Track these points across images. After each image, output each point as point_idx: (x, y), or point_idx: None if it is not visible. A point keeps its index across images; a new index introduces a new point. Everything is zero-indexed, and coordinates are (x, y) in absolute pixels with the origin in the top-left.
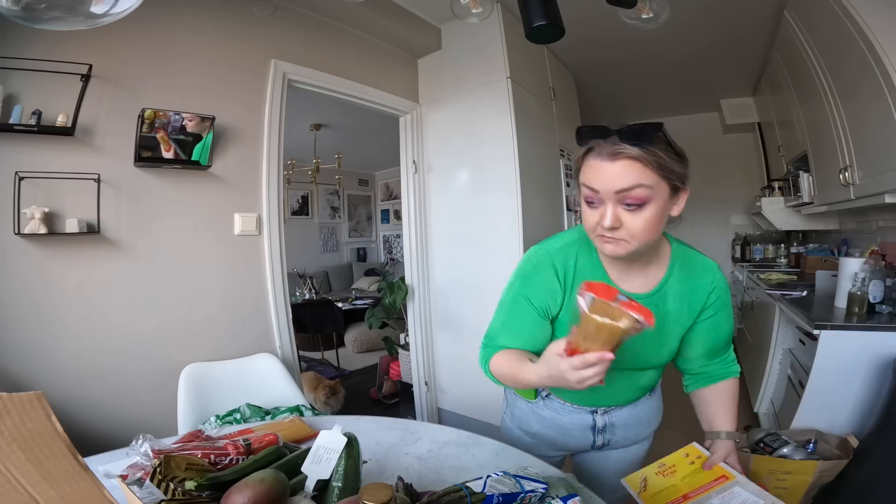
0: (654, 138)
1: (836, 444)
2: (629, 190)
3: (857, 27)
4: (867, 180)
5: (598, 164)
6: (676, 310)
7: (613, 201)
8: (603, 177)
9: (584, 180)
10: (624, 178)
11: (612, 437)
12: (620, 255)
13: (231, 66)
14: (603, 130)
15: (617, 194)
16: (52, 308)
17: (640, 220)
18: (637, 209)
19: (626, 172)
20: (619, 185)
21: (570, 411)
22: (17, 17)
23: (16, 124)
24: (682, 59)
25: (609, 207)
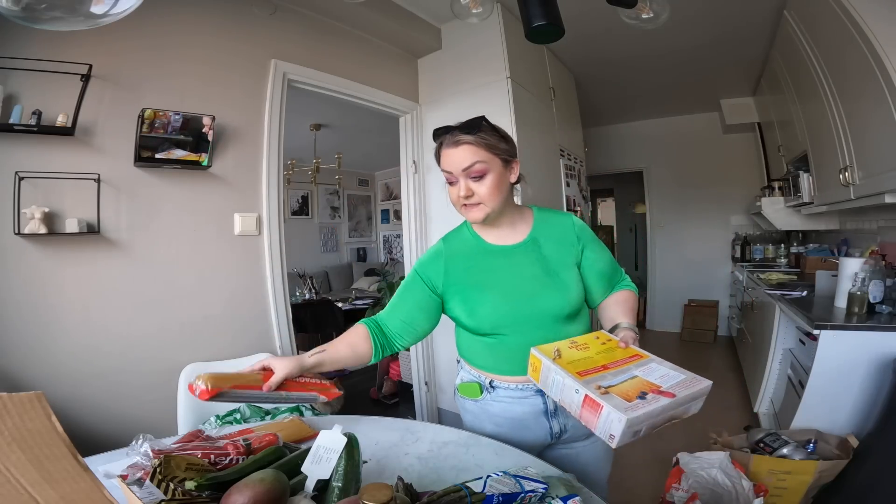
0: (480, 127)
1: (836, 444)
2: (471, 166)
3: (857, 27)
4: (867, 180)
5: (447, 151)
6: (554, 251)
7: (463, 177)
8: (452, 160)
9: (442, 166)
10: (465, 159)
11: (568, 420)
12: (480, 218)
13: (231, 66)
14: (447, 129)
15: (464, 171)
16: (52, 308)
17: (484, 187)
18: (480, 180)
19: (465, 154)
20: (463, 165)
21: (519, 398)
22: (17, 18)
23: (16, 124)
24: (682, 59)
25: (462, 182)
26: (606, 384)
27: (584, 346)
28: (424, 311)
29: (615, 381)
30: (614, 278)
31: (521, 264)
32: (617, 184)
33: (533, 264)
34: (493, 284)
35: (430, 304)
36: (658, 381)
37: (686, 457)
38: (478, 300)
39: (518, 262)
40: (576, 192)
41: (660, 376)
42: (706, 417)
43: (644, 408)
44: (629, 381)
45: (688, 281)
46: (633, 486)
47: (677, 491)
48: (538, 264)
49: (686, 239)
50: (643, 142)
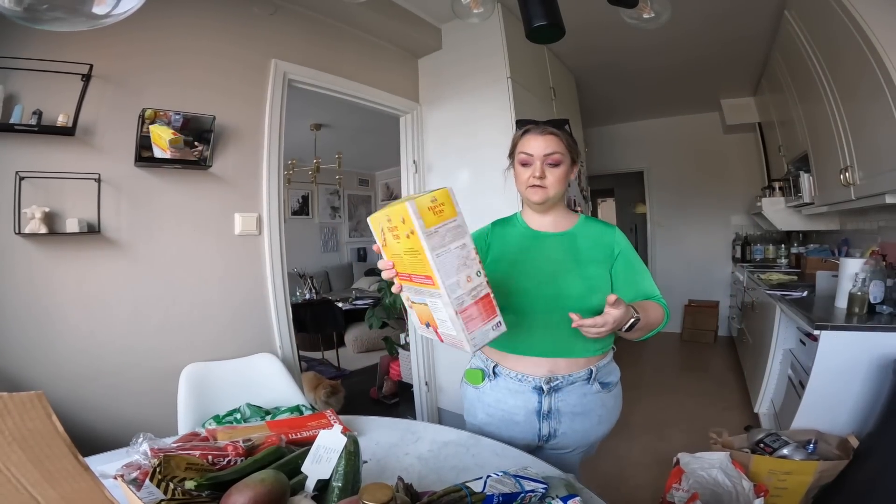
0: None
1: (837, 444)
2: (552, 153)
3: (858, 27)
4: (867, 180)
5: (533, 137)
6: (588, 247)
7: (541, 161)
8: (536, 145)
9: (523, 149)
10: (549, 146)
11: (559, 426)
12: (542, 198)
13: (231, 66)
14: (535, 121)
15: (545, 156)
16: (53, 308)
17: (556, 173)
18: (554, 167)
19: (550, 142)
20: (546, 150)
21: (515, 391)
22: (18, 18)
23: (16, 124)
24: (682, 59)
25: (538, 165)
26: (414, 298)
27: (394, 230)
28: None
29: (416, 299)
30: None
31: (554, 248)
32: (617, 184)
33: (565, 252)
34: (522, 261)
35: None
36: (438, 321)
37: (686, 457)
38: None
39: (550, 248)
40: (576, 191)
41: (440, 318)
42: (707, 417)
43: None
44: (423, 306)
45: (688, 281)
46: (634, 486)
47: (678, 491)
48: (569, 253)
49: (686, 239)
50: (643, 142)
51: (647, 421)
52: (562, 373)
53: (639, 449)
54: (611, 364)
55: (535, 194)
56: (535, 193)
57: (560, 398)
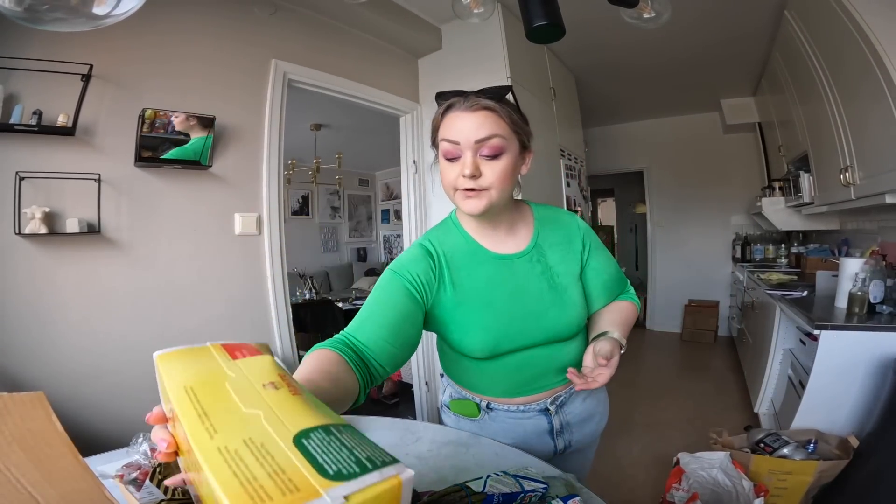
0: (504, 96)
1: (837, 444)
2: (487, 139)
3: (858, 27)
4: (867, 180)
5: (458, 115)
6: (559, 260)
7: (472, 151)
8: (463, 127)
9: (445, 135)
10: (482, 128)
11: (572, 437)
12: (480, 209)
13: (231, 66)
14: (462, 92)
15: (476, 144)
16: (53, 308)
17: (497, 169)
18: (494, 159)
19: (484, 122)
20: (478, 135)
21: (520, 419)
22: (19, 18)
23: (16, 124)
24: (682, 59)
25: (468, 157)
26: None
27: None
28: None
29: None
30: (617, 289)
31: (526, 277)
32: (617, 184)
33: (538, 278)
34: (493, 301)
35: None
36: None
37: (686, 457)
38: (475, 318)
39: (522, 275)
40: (576, 192)
41: None
42: (707, 417)
43: None
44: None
45: (688, 281)
46: (634, 486)
47: (678, 491)
48: (543, 278)
49: (686, 239)
50: (643, 142)
51: (647, 421)
52: (562, 391)
53: (639, 449)
54: None
55: (468, 203)
56: (469, 202)
57: (568, 411)
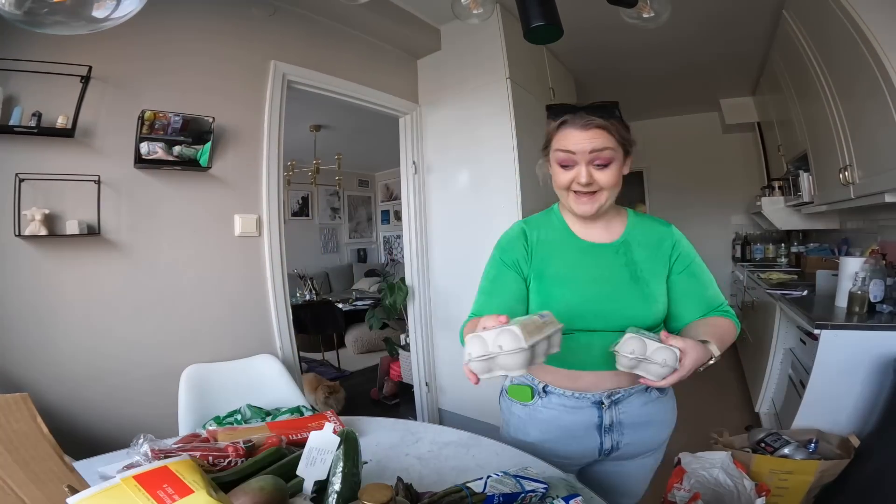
0: (613, 114)
1: (838, 443)
2: (600, 151)
3: (856, 26)
4: (867, 179)
5: (573, 132)
6: (646, 258)
7: (586, 162)
8: (580, 141)
9: (560, 146)
10: (595, 142)
11: (621, 437)
12: (593, 210)
13: (231, 68)
14: (573, 107)
15: (590, 154)
16: (53, 310)
17: (607, 175)
18: (604, 167)
19: (596, 138)
20: (593, 146)
21: (572, 408)
22: (19, 21)
23: (16, 126)
24: (681, 59)
25: (582, 168)
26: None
27: None
28: (522, 301)
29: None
30: (712, 303)
31: (609, 265)
32: None
33: (621, 266)
34: (575, 281)
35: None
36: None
37: (688, 457)
38: (555, 294)
39: (606, 263)
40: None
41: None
42: (707, 417)
43: None
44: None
45: None
46: None
47: (679, 491)
48: (626, 268)
49: (686, 238)
50: (643, 142)
51: None
52: (625, 386)
53: None
54: None
55: (582, 205)
56: (583, 204)
57: (622, 410)
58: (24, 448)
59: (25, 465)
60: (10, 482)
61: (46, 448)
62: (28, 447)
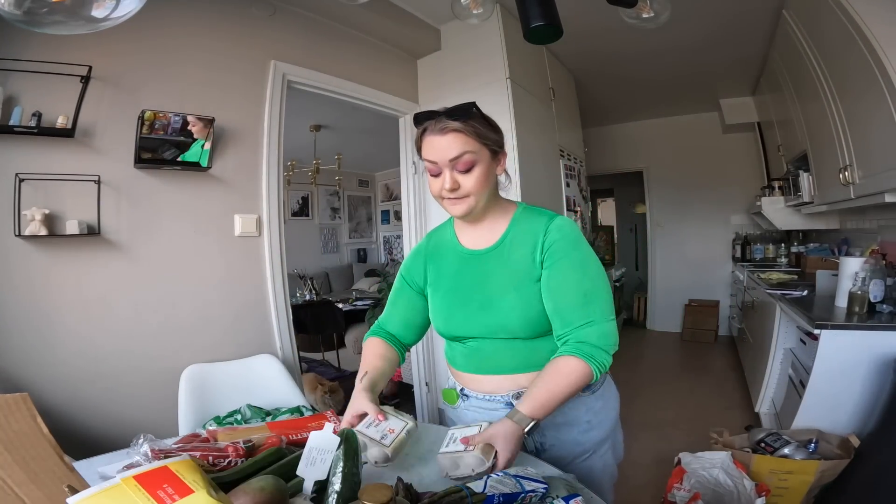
0: (470, 114)
1: (838, 443)
2: (459, 157)
3: (856, 26)
4: (867, 179)
5: (432, 139)
6: (520, 258)
7: (449, 168)
8: (437, 149)
9: (425, 156)
10: (453, 148)
11: (543, 439)
12: (463, 212)
13: (230, 68)
14: (432, 113)
15: (451, 162)
16: (53, 310)
17: (472, 180)
18: (468, 172)
19: (453, 142)
20: (450, 155)
21: (489, 410)
22: (18, 21)
23: (16, 126)
24: (681, 59)
25: (447, 174)
26: None
27: None
28: (419, 311)
29: None
30: (572, 315)
31: (484, 271)
32: (617, 184)
33: (495, 273)
34: (453, 291)
35: (422, 304)
36: None
37: (688, 457)
38: (438, 304)
39: (481, 269)
40: (576, 192)
41: None
42: (707, 417)
43: None
44: None
45: (688, 281)
46: (635, 486)
47: (679, 491)
48: (500, 274)
49: (686, 239)
50: (643, 142)
51: (647, 420)
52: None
53: (639, 449)
54: None
55: (454, 208)
56: (455, 207)
57: None
58: (24, 448)
59: (25, 465)
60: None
61: (46, 448)
62: (28, 447)
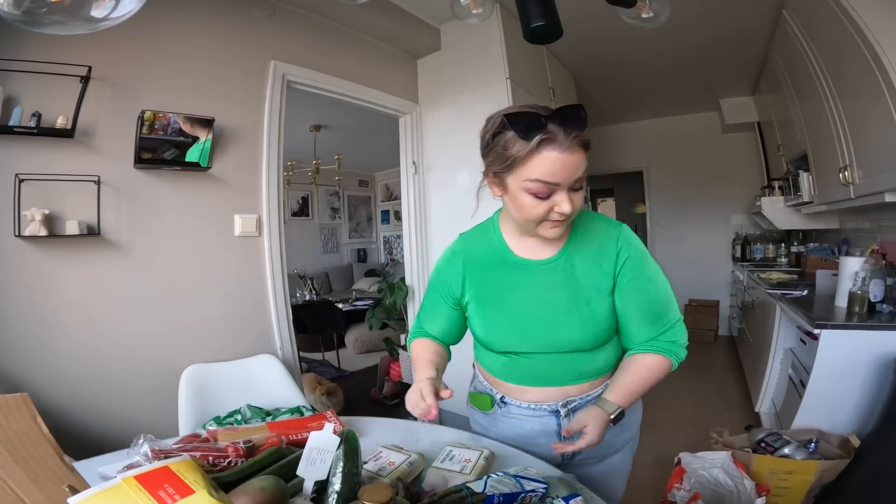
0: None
1: (838, 443)
2: (581, 177)
3: (856, 26)
4: (867, 179)
5: (555, 156)
6: (587, 271)
7: (567, 189)
8: (564, 168)
9: (538, 175)
10: (580, 167)
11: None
12: (561, 234)
13: (230, 68)
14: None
15: (574, 181)
16: (53, 310)
17: (580, 196)
18: (579, 189)
19: (581, 161)
20: (577, 174)
21: (529, 416)
22: (17, 21)
23: (16, 126)
24: (681, 59)
25: (564, 195)
26: None
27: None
28: (455, 323)
29: None
30: (658, 322)
31: (546, 285)
32: (617, 184)
33: (560, 287)
34: (508, 305)
35: (460, 316)
36: None
37: (688, 457)
38: (492, 319)
39: (542, 283)
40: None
41: None
42: (707, 417)
43: None
44: None
45: (688, 280)
46: (635, 486)
47: (679, 491)
48: (565, 288)
49: (686, 238)
50: (643, 142)
51: (647, 420)
52: (575, 395)
53: (639, 449)
54: None
55: (553, 231)
56: (556, 230)
57: None
58: (24, 448)
59: (25, 465)
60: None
61: (46, 448)
62: (28, 447)
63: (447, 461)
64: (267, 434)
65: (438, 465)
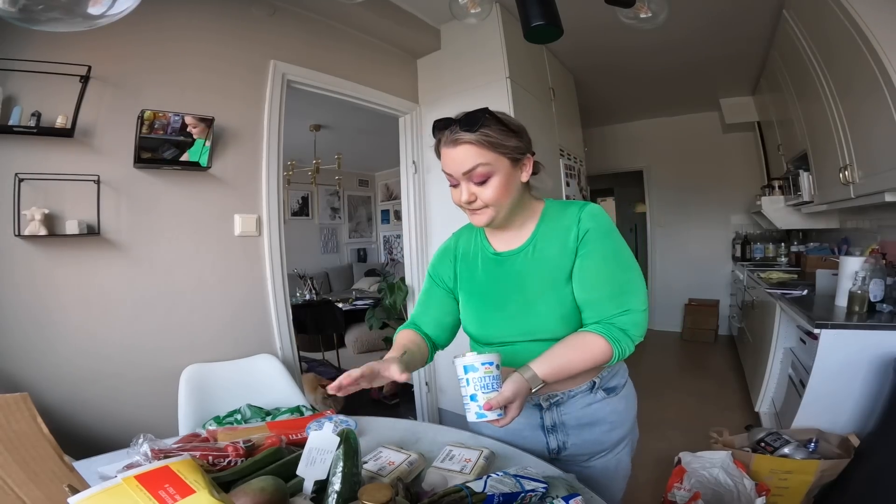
0: (482, 122)
1: (838, 443)
2: (472, 170)
3: (856, 26)
4: (867, 179)
5: (446, 151)
6: (554, 255)
7: (465, 180)
8: (451, 162)
9: (442, 167)
10: (465, 161)
11: (567, 438)
12: (484, 223)
13: (230, 67)
14: (446, 122)
15: (465, 175)
16: (53, 309)
17: (489, 191)
18: (483, 184)
19: (466, 156)
20: (463, 168)
21: None
22: (14, 19)
23: (15, 126)
24: (681, 59)
25: (463, 186)
26: None
27: None
28: (450, 312)
29: None
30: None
31: (519, 274)
32: (617, 183)
33: (531, 274)
34: (489, 297)
35: (453, 304)
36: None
37: (688, 456)
38: (471, 309)
39: (516, 272)
40: (576, 191)
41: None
42: (707, 417)
43: None
44: None
45: (688, 280)
46: (635, 486)
47: (679, 490)
48: (536, 274)
49: (686, 238)
50: (643, 141)
51: (647, 420)
52: (559, 390)
53: (639, 448)
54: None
55: (475, 219)
56: (476, 218)
57: (563, 412)
58: (24, 448)
59: (25, 465)
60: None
61: (46, 448)
62: (28, 447)
63: (447, 461)
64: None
65: (438, 464)
